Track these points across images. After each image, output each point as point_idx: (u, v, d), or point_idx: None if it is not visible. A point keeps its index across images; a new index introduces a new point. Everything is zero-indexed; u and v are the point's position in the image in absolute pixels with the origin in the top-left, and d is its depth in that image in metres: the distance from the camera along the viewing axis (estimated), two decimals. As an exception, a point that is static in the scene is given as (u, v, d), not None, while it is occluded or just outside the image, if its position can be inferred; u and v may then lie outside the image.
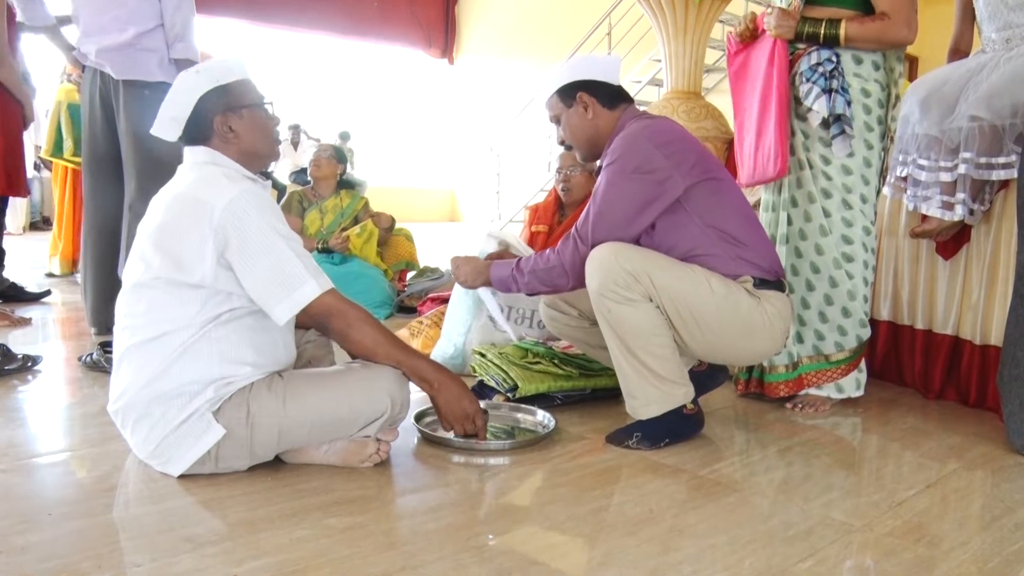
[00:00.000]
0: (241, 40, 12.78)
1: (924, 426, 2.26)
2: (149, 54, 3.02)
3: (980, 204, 2.33)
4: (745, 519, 1.56)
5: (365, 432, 1.74)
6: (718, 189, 2.00)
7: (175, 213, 1.63)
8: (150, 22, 3.00)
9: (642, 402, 1.96)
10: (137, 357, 1.63)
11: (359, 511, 1.53)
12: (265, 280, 1.61)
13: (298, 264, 1.63)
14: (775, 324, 1.97)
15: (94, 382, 2.45)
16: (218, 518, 1.49)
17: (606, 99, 2.09)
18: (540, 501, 1.64)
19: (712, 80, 8.90)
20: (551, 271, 2.02)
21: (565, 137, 2.15)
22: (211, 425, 1.62)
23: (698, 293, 1.90)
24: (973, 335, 2.45)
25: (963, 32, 2.63)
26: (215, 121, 1.73)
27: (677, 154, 1.95)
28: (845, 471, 1.90)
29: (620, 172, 1.95)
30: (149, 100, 3.02)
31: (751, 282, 1.96)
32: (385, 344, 1.74)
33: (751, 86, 2.41)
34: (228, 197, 1.59)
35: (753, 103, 2.39)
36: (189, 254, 1.59)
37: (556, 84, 2.12)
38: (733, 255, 1.96)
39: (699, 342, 1.95)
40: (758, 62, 2.38)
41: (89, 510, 1.50)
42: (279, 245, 1.61)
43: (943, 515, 1.62)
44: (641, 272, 1.88)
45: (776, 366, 2.40)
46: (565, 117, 2.12)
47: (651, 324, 1.91)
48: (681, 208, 1.96)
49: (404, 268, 4.32)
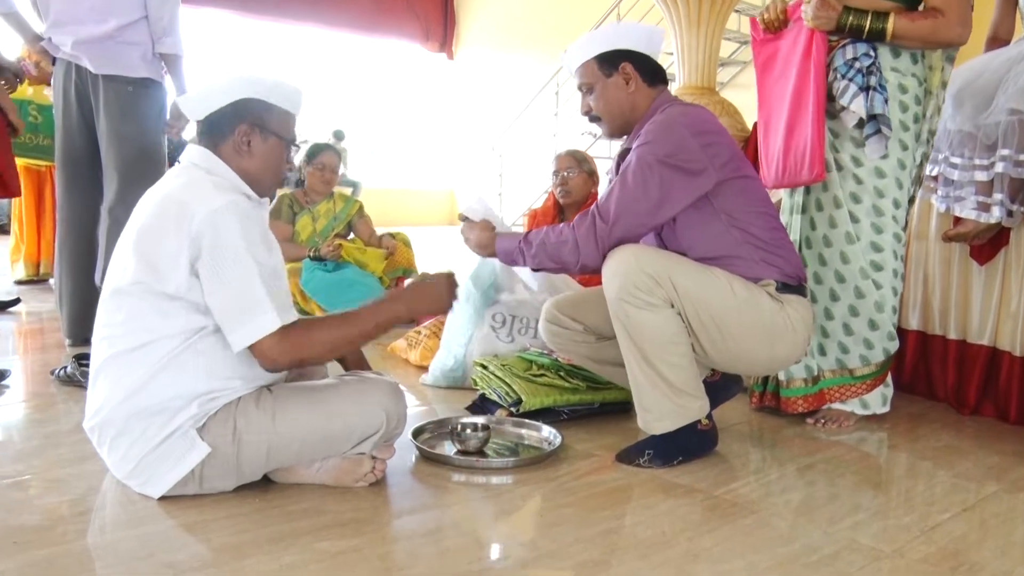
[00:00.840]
0: (228, 32, 12.85)
1: (959, 444, 2.25)
2: (131, 48, 3.01)
3: (1020, 205, 2.31)
4: (764, 543, 1.55)
5: (359, 449, 1.74)
6: (746, 188, 2.00)
7: (156, 215, 1.63)
8: (133, 13, 2.98)
9: (655, 416, 1.95)
10: (116, 370, 1.63)
11: (353, 534, 1.53)
12: (228, 302, 1.59)
13: (262, 292, 1.60)
14: (798, 330, 1.97)
15: (68, 397, 2.45)
16: (201, 543, 1.48)
17: (648, 75, 2.07)
18: (545, 523, 1.64)
19: (727, 74, 8.91)
20: (562, 246, 1.98)
21: (596, 108, 2.10)
22: (195, 443, 1.61)
23: (720, 297, 1.91)
24: (1012, 346, 2.43)
25: (1003, 18, 2.60)
26: (239, 127, 1.74)
27: (713, 146, 1.95)
28: (872, 491, 1.88)
29: (652, 156, 1.93)
30: (132, 97, 3.02)
31: (773, 286, 1.97)
32: (346, 336, 1.72)
33: (781, 80, 2.37)
34: (212, 207, 1.59)
35: (784, 99, 2.34)
36: (165, 261, 1.59)
37: (596, 49, 2.07)
38: (757, 258, 1.97)
39: (719, 349, 1.95)
40: (791, 54, 2.33)
41: (60, 536, 1.49)
42: (250, 268, 1.59)
43: (982, 542, 1.60)
44: (663, 276, 1.88)
45: (794, 379, 2.39)
46: (601, 87, 2.07)
47: (670, 331, 1.90)
48: (708, 204, 1.97)
49: (401, 275, 4.32)
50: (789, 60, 2.34)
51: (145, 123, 3.08)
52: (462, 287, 2.58)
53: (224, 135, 1.74)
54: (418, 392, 2.67)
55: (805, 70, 2.27)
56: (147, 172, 3.01)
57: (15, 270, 5.06)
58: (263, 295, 1.60)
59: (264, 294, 1.60)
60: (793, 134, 2.31)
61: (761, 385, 2.49)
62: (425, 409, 2.48)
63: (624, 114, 2.08)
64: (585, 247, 1.96)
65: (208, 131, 1.76)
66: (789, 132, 2.32)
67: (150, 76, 3.05)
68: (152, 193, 1.71)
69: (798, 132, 2.29)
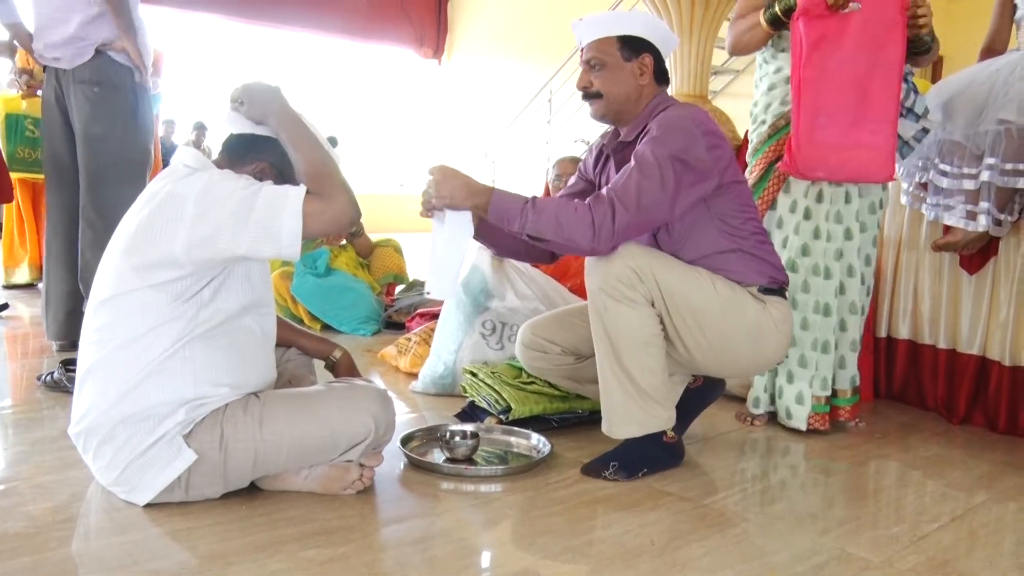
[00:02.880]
0: (222, 37, 12.82)
1: (948, 453, 2.26)
2: (97, 34, 2.94)
3: (1008, 214, 2.33)
4: (753, 552, 1.55)
5: (347, 457, 1.73)
6: (739, 194, 2.01)
7: (148, 214, 1.60)
8: (92, 7, 2.92)
9: (620, 420, 1.94)
10: (102, 375, 1.62)
11: (340, 542, 1.52)
12: (239, 211, 1.56)
13: (270, 184, 1.61)
14: (780, 329, 1.98)
15: (55, 403, 2.43)
16: (187, 551, 1.47)
17: (660, 72, 2.07)
18: (533, 531, 1.63)
19: (720, 83, 8.94)
20: (578, 222, 1.86)
21: (600, 85, 2.03)
22: (181, 450, 1.60)
23: (703, 296, 1.91)
24: (1002, 356, 2.44)
25: (1000, 30, 2.61)
26: (260, 163, 1.74)
27: (717, 149, 1.95)
28: (862, 501, 1.89)
29: (666, 151, 1.89)
30: (99, 98, 2.98)
31: (756, 287, 1.98)
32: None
33: (848, 63, 2.16)
34: (203, 181, 1.59)
35: (851, 83, 2.17)
36: (161, 241, 1.57)
37: (622, 29, 2.02)
38: (745, 264, 1.98)
39: (703, 349, 1.95)
40: (871, 36, 2.15)
41: (43, 544, 1.48)
42: (246, 181, 1.60)
43: (971, 551, 1.61)
44: (646, 271, 1.88)
45: (844, 390, 2.42)
46: (615, 68, 2.02)
47: (647, 333, 1.90)
48: (704, 208, 1.97)
49: (392, 282, 4.31)
50: (861, 45, 2.16)
51: (113, 126, 3.01)
52: None
53: (243, 162, 1.74)
54: (407, 399, 2.66)
55: (893, 57, 2.14)
56: (117, 176, 2.98)
57: (8, 274, 5.08)
58: (272, 185, 1.59)
59: (271, 185, 1.59)
60: (863, 124, 2.17)
61: (826, 406, 2.39)
62: (414, 416, 2.48)
63: (628, 102, 2.04)
64: (602, 230, 1.85)
65: (230, 149, 1.76)
66: (858, 121, 2.17)
67: (119, 76, 3.00)
68: (141, 197, 1.69)
69: (873, 123, 2.17)
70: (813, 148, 2.19)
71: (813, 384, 2.34)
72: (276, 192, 1.58)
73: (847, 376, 2.41)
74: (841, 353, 2.40)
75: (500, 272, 2.79)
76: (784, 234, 2.36)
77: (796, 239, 2.34)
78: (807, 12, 2.15)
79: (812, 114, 2.19)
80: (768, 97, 2.39)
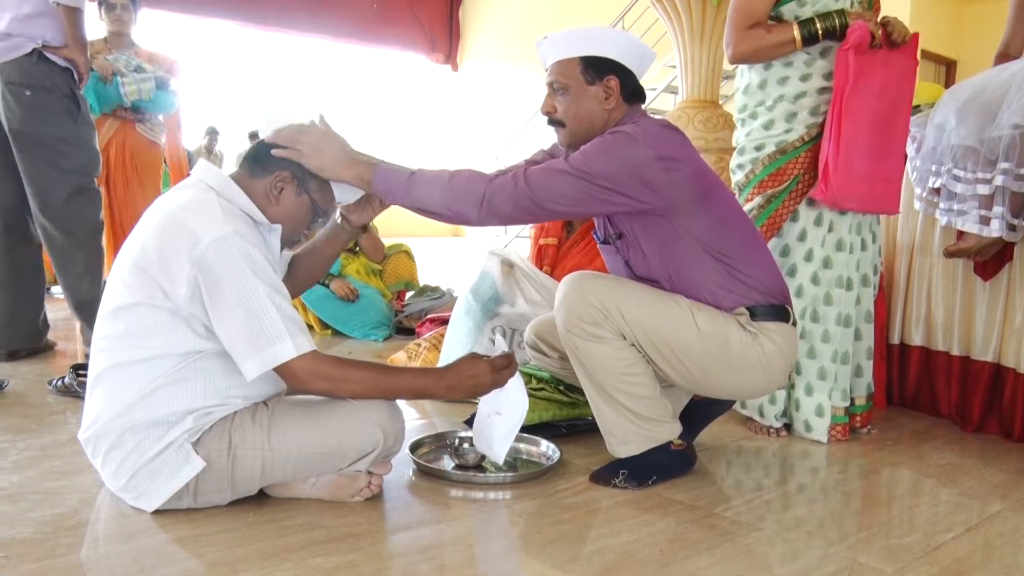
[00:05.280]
0: (234, 43, 12.90)
1: (962, 462, 2.23)
2: (31, 43, 2.84)
3: (1022, 220, 2.30)
4: (763, 562, 1.54)
5: (356, 467, 1.72)
6: (716, 209, 1.88)
7: (160, 234, 1.60)
8: (25, 5, 2.81)
9: (620, 439, 1.92)
10: (113, 382, 1.62)
11: (348, 550, 1.51)
12: (238, 331, 1.56)
13: (277, 319, 1.56)
14: (773, 361, 1.87)
15: (65, 407, 2.43)
16: (194, 558, 1.47)
17: (629, 92, 1.92)
18: (542, 540, 1.62)
19: (731, 88, 8.89)
20: (468, 192, 1.78)
21: (562, 113, 1.92)
22: (190, 457, 1.60)
23: (679, 327, 1.83)
24: (1017, 362, 2.42)
25: (1015, 35, 2.59)
26: (280, 172, 1.74)
27: (671, 171, 1.81)
28: (874, 510, 1.87)
29: (597, 154, 1.79)
30: (32, 101, 2.88)
31: (746, 315, 1.88)
32: (378, 384, 1.70)
33: (878, 100, 2.24)
34: (216, 234, 1.56)
35: (878, 121, 2.25)
36: (167, 282, 1.57)
37: (584, 49, 1.89)
38: (729, 285, 1.87)
39: (686, 378, 1.89)
40: (896, 75, 2.27)
41: (51, 550, 1.48)
42: (259, 295, 1.56)
43: (986, 562, 1.58)
44: (611, 306, 1.83)
45: (859, 396, 2.44)
46: (577, 93, 1.90)
47: (622, 362, 1.85)
48: (676, 232, 1.85)
49: (403, 288, 4.31)
50: (892, 81, 2.26)
51: (47, 126, 2.90)
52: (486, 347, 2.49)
53: (264, 172, 1.74)
54: (417, 405, 2.65)
55: (906, 100, 2.29)
56: (62, 180, 2.89)
57: None
58: (275, 319, 1.56)
59: (277, 318, 1.56)
60: (886, 161, 2.28)
61: (845, 416, 2.38)
62: (424, 423, 2.47)
63: (592, 129, 1.91)
64: (493, 199, 1.77)
65: (251, 158, 1.77)
66: (881, 157, 2.27)
67: (51, 79, 2.89)
68: (157, 208, 1.68)
69: (892, 161, 2.30)
70: (847, 178, 2.22)
71: (833, 396, 2.33)
72: (283, 332, 1.57)
73: (863, 384, 2.42)
74: (857, 361, 2.40)
75: (510, 277, 2.78)
76: (807, 247, 2.33)
77: (820, 251, 2.32)
78: (856, 45, 2.18)
79: (850, 145, 2.21)
80: (772, 114, 2.34)
